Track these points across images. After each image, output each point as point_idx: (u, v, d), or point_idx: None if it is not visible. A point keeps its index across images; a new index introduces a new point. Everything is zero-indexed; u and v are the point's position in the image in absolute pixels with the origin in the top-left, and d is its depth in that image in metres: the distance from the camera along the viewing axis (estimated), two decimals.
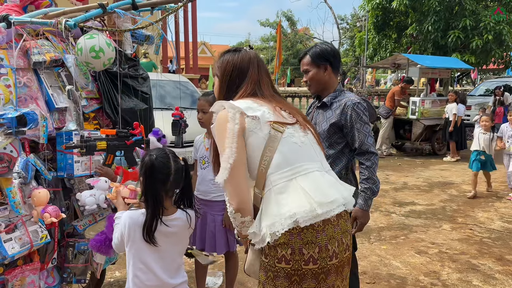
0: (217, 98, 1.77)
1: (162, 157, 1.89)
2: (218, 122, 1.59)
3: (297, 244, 1.49)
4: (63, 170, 2.34)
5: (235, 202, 1.51)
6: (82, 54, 2.32)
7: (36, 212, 2.04)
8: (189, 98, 7.57)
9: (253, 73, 1.70)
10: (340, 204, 1.57)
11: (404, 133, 9.83)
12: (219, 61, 1.78)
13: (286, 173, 1.54)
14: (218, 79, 1.77)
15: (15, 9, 2.36)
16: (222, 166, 1.51)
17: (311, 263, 1.50)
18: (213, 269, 3.61)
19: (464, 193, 6.43)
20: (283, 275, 1.51)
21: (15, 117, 1.92)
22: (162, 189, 1.89)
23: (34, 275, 2.26)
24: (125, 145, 2.21)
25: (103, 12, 2.11)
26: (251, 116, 1.54)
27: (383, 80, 30.01)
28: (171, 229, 1.91)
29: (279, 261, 1.51)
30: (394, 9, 13.31)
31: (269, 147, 1.53)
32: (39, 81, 2.35)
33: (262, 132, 1.55)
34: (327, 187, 1.57)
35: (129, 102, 2.75)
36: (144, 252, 1.91)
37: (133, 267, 1.92)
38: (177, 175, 1.91)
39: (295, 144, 1.58)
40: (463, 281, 3.51)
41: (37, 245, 2.20)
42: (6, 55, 2.14)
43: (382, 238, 4.47)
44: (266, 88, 1.71)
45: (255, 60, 1.73)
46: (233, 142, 1.49)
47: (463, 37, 12.17)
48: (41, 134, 2.06)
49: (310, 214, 1.48)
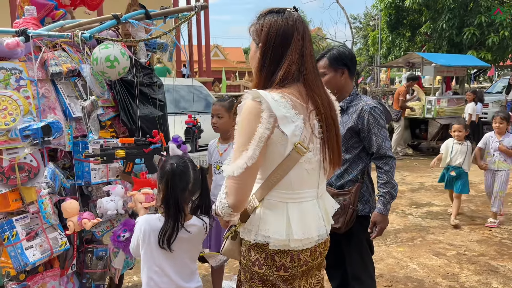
0: (256, 72, 1.57)
1: (182, 166, 1.93)
2: (249, 114, 1.44)
3: (270, 251, 1.51)
4: (81, 178, 2.39)
5: (233, 199, 1.44)
6: (97, 64, 2.37)
7: (72, 223, 2.09)
8: (202, 102, 7.62)
9: (297, 40, 1.50)
10: (313, 241, 1.56)
11: (420, 132, 9.72)
12: (259, 24, 1.55)
13: (282, 195, 1.52)
14: (258, 48, 1.55)
15: (32, 22, 2.43)
16: (237, 162, 1.42)
17: (282, 271, 1.53)
18: (229, 273, 3.64)
19: (482, 193, 6.32)
20: (257, 278, 1.55)
21: (40, 128, 1.98)
22: (182, 196, 1.92)
23: (55, 281, 2.31)
24: (143, 153, 2.25)
25: (117, 23, 2.15)
26: (281, 130, 1.43)
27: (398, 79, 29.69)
28: (186, 235, 1.94)
29: (253, 264, 1.55)
30: (407, 8, 13.23)
31: (284, 167, 1.48)
32: (56, 91, 2.40)
33: (284, 149, 1.47)
34: (310, 222, 1.54)
35: (144, 110, 2.80)
36: (159, 256, 1.95)
37: (148, 270, 1.96)
38: (195, 183, 1.94)
39: (304, 171, 1.51)
40: (482, 283, 3.46)
41: (57, 251, 2.25)
42: (25, 67, 2.20)
43: (399, 240, 4.43)
44: (310, 63, 1.53)
45: (300, 24, 1.51)
46: (258, 146, 1.41)
47: (479, 34, 12.01)
48: (66, 142, 2.12)
49: (282, 243, 1.49)
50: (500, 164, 4.95)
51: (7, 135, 2.06)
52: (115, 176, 2.52)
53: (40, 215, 2.16)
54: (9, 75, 2.13)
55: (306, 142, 1.48)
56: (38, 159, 2.16)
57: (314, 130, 1.50)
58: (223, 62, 31.57)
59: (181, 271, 1.99)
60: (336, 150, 1.58)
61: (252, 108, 1.43)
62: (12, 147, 2.08)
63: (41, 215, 2.16)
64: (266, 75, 1.52)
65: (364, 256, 2.56)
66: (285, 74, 1.49)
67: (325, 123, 1.53)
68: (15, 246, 2.10)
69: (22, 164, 2.10)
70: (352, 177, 2.44)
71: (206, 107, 7.51)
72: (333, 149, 1.57)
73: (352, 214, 2.37)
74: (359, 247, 2.53)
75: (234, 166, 1.42)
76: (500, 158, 4.95)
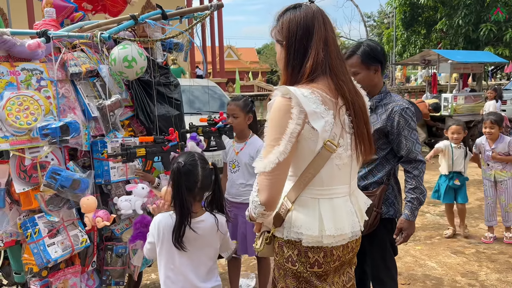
0: (283, 69, 1.57)
1: (190, 163, 1.93)
2: (279, 111, 1.44)
3: (303, 247, 1.50)
4: (101, 176, 2.42)
5: (265, 196, 1.43)
6: (116, 64, 2.40)
7: (88, 219, 2.13)
8: (217, 102, 7.68)
9: (319, 29, 1.49)
10: (347, 238, 1.55)
11: (437, 130, 9.60)
12: (279, 24, 1.56)
13: (313, 191, 1.51)
14: (282, 46, 1.56)
15: (52, 24, 2.48)
16: (268, 157, 1.42)
17: (316, 267, 1.51)
18: (246, 271, 3.65)
19: None
20: (291, 275, 1.54)
21: (59, 127, 2.02)
22: (190, 195, 1.93)
23: (76, 278, 2.36)
24: (162, 151, 2.28)
25: (135, 23, 2.18)
26: (311, 126, 1.43)
27: (414, 76, 29.39)
28: (197, 232, 1.94)
29: (286, 261, 1.54)
30: (422, 4, 13.09)
31: (316, 165, 1.47)
32: (76, 91, 2.45)
33: (314, 145, 1.46)
34: (343, 218, 1.53)
35: (161, 109, 2.83)
36: (174, 254, 1.96)
37: (165, 268, 1.98)
38: (205, 180, 1.94)
39: (335, 167, 1.50)
40: (502, 281, 3.41)
41: (78, 249, 2.29)
42: (45, 68, 2.25)
43: (417, 239, 4.39)
44: (334, 51, 1.52)
45: (319, 14, 1.52)
46: (290, 141, 1.40)
47: (496, 30, 11.81)
48: (83, 142, 2.16)
49: (315, 239, 1.48)
50: (498, 174, 4.41)
51: (29, 134, 2.11)
52: (133, 174, 2.56)
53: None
54: (30, 76, 2.18)
55: (336, 138, 1.47)
56: (59, 158, 2.21)
57: (344, 126, 1.50)
58: (236, 63, 31.64)
59: (197, 269, 1.99)
60: (367, 140, 1.56)
61: (282, 105, 1.43)
62: (34, 146, 2.13)
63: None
64: (293, 69, 1.52)
65: (386, 259, 2.46)
66: (313, 64, 1.48)
67: (353, 113, 1.51)
68: (37, 243, 2.15)
69: (44, 162, 2.15)
70: (377, 179, 2.33)
71: (220, 107, 7.56)
72: (363, 142, 1.55)
73: (376, 217, 2.27)
74: (382, 249, 2.43)
75: (266, 161, 1.41)
76: (497, 167, 4.40)
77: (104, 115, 2.24)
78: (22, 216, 2.22)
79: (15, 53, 2.16)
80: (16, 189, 2.10)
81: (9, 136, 2.06)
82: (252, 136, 2.94)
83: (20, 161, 2.09)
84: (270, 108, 1.48)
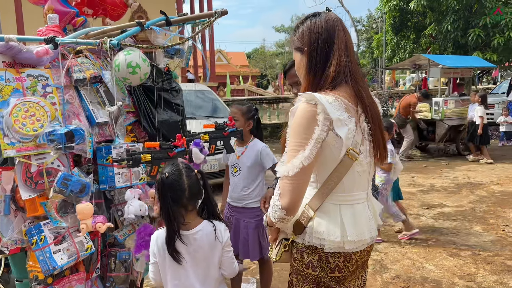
0: (304, 76, 1.60)
1: (174, 174, 1.89)
2: (303, 117, 1.45)
3: (323, 253, 1.52)
4: (105, 182, 2.42)
5: (287, 200, 1.44)
6: (120, 70, 2.40)
7: (86, 225, 2.11)
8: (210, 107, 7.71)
9: (340, 35, 1.54)
10: (366, 244, 1.58)
11: (428, 134, 9.72)
12: (298, 32, 1.60)
13: (335, 198, 1.53)
14: (303, 54, 1.58)
15: (56, 30, 2.48)
16: (292, 161, 1.43)
17: (336, 271, 1.53)
18: (246, 275, 3.65)
19: (493, 193, 6.33)
20: (311, 280, 1.55)
21: (64, 133, 2.02)
22: (179, 205, 1.89)
23: (81, 285, 2.34)
24: (168, 157, 2.28)
25: (141, 30, 2.19)
26: (336, 133, 1.45)
27: (402, 81, 29.70)
28: (197, 242, 1.91)
29: (306, 266, 1.55)
30: (412, 10, 13.24)
31: (338, 173, 1.49)
32: (80, 97, 2.44)
33: (338, 153, 1.48)
34: (363, 224, 1.56)
35: (164, 115, 2.83)
36: (178, 269, 1.93)
37: (170, 284, 1.95)
38: (193, 188, 1.90)
39: (356, 173, 1.53)
40: (499, 283, 3.47)
41: (83, 255, 2.28)
42: (50, 74, 2.24)
43: (413, 242, 4.44)
44: (353, 55, 1.57)
45: (339, 21, 1.57)
46: (315, 146, 1.42)
47: (484, 35, 12.00)
48: (87, 149, 2.15)
49: (337, 245, 1.50)
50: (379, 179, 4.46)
51: (35, 140, 2.09)
52: (137, 180, 2.55)
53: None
54: (36, 82, 2.17)
55: (358, 146, 1.50)
56: (65, 164, 2.20)
57: (364, 133, 1.52)
58: (226, 67, 31.71)
59: (204, 282, 1.96)
60: (383, 147, 1.59)
61: (307, 111, 1.44)
62: (40, 153, 2.12)
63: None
64: (315, 75, 1.55)
65: None
66: (336, 69, 1.51)
67: (371, 120, 1.54)
68: (43, 250, 2.13)
69: (50, 169, 2.14)
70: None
71: (213, 112, 7.58)
72: (379, 148, 1.58)
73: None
74: None
75: (289, 166, 1.42)
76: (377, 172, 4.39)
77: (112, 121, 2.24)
78: (27, 223, 2.20)
79: (21, 59, 2.15)
80: (22, 196, 2.08)
81: (16, 143, 2.05)
82: (252, 140, 2.96)
83: (26, 167, 2.08)
84: (293, 114, 1.49)
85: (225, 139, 2.55)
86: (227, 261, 2.03)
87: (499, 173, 7.67)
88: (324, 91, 1.51)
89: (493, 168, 8.14)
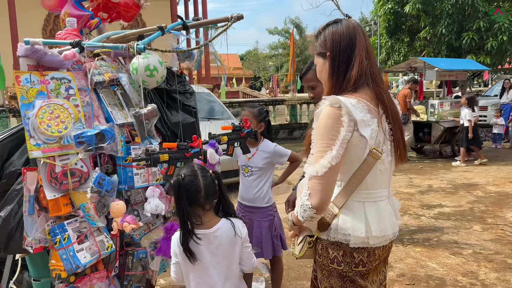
0: (327, 79, 1.67)
1: (190, 175, 1.95)
2: (328, 119, 1.53)
3: (348, 248, 1.59)
4: (124, 182, 2.47)
5: (317, 200, 1.51)
6: (137, 73, 2.46)
7: (116, 223, 2.17)
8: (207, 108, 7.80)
9: (361, 39, 1.62)
10: (389, 239, 1.67)
11: (424, 135, 9.86)
12: (321, 38, 1.69)
13: (359, 195, 1.60)
14: (326, 59, 1.67)
15: (74, 33, 2.53)
16: (320, 162, 1.50)
17: (361, 266, 1.61)
18: (255, 274, 3.71)
19: (490, 194, 6.45)
20: (336, 275, 1.63)
21: (94, 135, 2.07)
22: (194, 205, 1.95)
23: (101, 283, 2.39)
24: (184, 157, 2.34)
25: (162, 34, 2.25)
26: (360, 133, 1.53)
27: (395, 83, 30.00)
28: (217, 240, 1.97)
29: (331, 262, 1.62)
30: (406, 14, 13.42)
31: (362, 171, 1.57)
32: (98, 99, 2.50)
33: (362, 152, 1.56)
34: (386, 220, 1.63)
35: (178, 116, 2.89)
36: (201, 268, 1.99)
37: (193, 282, 2.01)
38: (209, 188, 1.96)
39: (379, 172, 1.61)
40: (501, 280, 3.57)
41: (104, 254, 2.33)
42: (72, 77, 2.29)
43: (415, 241, 4.53)
44: (373, 59, 1.66)
45: (359, 27, 1.65)
46: (341, 147, 1.49)
47: (477, 39, 12.22)
48: (119, 148, 2.21)
49: (362, 240, 1.57)
50: None
51: (59, 142, 2.15)
52: (155, 180, 2.61)
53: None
54: (59, 85, 2.22)
55: (380, 145, 1.58)
56: (88, 165, 2.25)
57: (386, 133, 1.61)
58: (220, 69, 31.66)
59: (226, 280, 2.01)
60: (402, 146, 1.67)
61: (332, 113, 1.52)
62: (64, 153, 2.17)
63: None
64: (338, 78, 1.63)
65: None
66: (359, 71, 1.59)
67: (392, 120, 1.63)
68: (67, 249, 2.18)
69: (74, 170, 2.19)
70: None
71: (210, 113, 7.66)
72: (400, 147, 1.66)
73: None
74: None
75: (318, 166, 1.50)
76: None
77: (140, 123, 2.30)
78: (50, 223, 2.25)
79: (45, 63, 2.20)
80: (47, 196, 2.13)
81: (41, 144, 2.10)
82: (262, 141, 3.03)
83: (51, 168, 2.13)
84: (317, 116, 1.57)
85: (242, 140, 2.62)
86: (247, 257, 2.09)
87: (494, 174, 7.81)
88: (346, 93, 1.59)
89: (488, 169, 8.27)
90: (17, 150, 2.35)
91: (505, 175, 7.74)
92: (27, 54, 2.13)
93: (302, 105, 14.07)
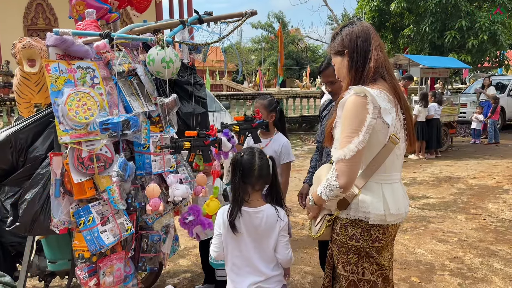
0: (346, 74, 1.83)
1: (248, 154, 2.13)
2: (355, 107, 1.67)
3: (366, 226, 1.78)
4: (142, 169, 2.59)
5: (344, 180, 1.66)
6: (154, 65, 2.57)
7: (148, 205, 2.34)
8: None
9: (375, 36, 1.81)
10: (401, 218, 1.86)
11: None
12: (338, 39, 1.86)
13: (377, 177, 1.78)
14: (344, 56, 1.83)
15: (94, 25, 2.63)
16: (348, 146, 1.65)
17: (377, 242, 1.80)
18: None
19: (471, 186, 6.77)
20: (354, 251, 1.81)
21: (120, 122, 2.19)
22: (245, 182, 2.11)
23: (120, 263, 2.51)
24: (203, 145, 2.47)
25: (183, 28, 2.37)
26: (383, 120, 1.70)
27: None
28: (258, 220, 2.10)
29: (350, 239, 1.81)
30: (391, 11, 13.70)
31: (382, 155, 1.75)
32: (117, 89, 2.60)
33: (383, 138, 1.73)
34: (400, 201, 1.82)
35: (189, 107, 3.02)
36: (240, 241, 2.12)
37: (231, 255, 2.14)
38: (261, 170, 2.11)
39: (395, 156, 1.79)
40: (485, 264, 3.82)
41: (124, 235, 2.45)
42: (96, 66, 2.40)
43: (404, 229, 4.77)
44: (385, 54, 1.84)
45: (371, 27, 1.85)
46: (367, 132, 1.65)
47: (459, 37, 12.59)
48: (143, 136, 2.33)
49: (380, 218, 1.76)
50: None
51: (86, 128, 2.26)
52: (169, 167, 2.73)
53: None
54: (85, 74, 2.33)
55: (398, 132, 1.77)
56: (112, 151, 2.37)
57: (401, 121, 1.80)
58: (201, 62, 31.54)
59: (263, 256, 2.12)
60: (412, 134, 1.87)
61: (358, 101, 1.69)
62: (90, 139, 2.28)
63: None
64: (357, 71, 1.80)
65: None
66: (376, 64, 1.77)
67: (405, 109, 1.82)
68: (91, 231, 2.30)
69: (99, 155, 2.30)
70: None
71: None
72: (410, 135, 1.86)
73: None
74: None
75: (346, 150, 1.66)
76: None
77: (164, 112, 2.42)
78: (74, 205, 2.36)
79: (71, 52, 2.30)
80: (74, 180, 2.24)
81: (69, 130, 2.21)
82: (276, 133, 3.16)
83: (78, 153, 2.24)
84: (342, 105, 1.73)
85: (253, 130, 2.76)
86: (282, 246, 2.14)
87: (474, 168, 8.16)
88: (366, 85, 1.76)
89: (469, 164, 8.63)
90: (40, 136, 2.44)
91: (484, 169, 8.09)
92: (56, 43, 2.22)
93: (288, 99, 14.25)
